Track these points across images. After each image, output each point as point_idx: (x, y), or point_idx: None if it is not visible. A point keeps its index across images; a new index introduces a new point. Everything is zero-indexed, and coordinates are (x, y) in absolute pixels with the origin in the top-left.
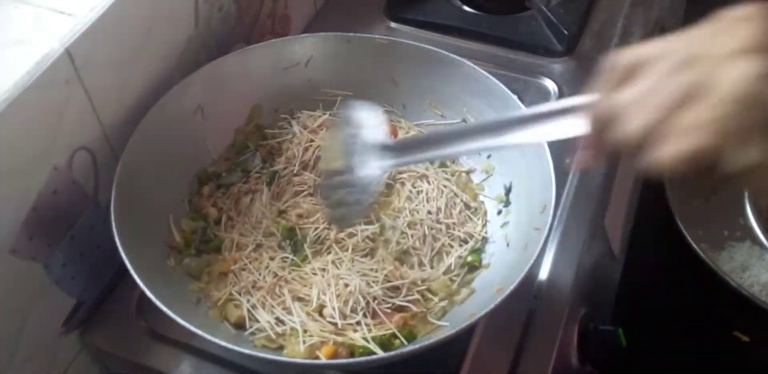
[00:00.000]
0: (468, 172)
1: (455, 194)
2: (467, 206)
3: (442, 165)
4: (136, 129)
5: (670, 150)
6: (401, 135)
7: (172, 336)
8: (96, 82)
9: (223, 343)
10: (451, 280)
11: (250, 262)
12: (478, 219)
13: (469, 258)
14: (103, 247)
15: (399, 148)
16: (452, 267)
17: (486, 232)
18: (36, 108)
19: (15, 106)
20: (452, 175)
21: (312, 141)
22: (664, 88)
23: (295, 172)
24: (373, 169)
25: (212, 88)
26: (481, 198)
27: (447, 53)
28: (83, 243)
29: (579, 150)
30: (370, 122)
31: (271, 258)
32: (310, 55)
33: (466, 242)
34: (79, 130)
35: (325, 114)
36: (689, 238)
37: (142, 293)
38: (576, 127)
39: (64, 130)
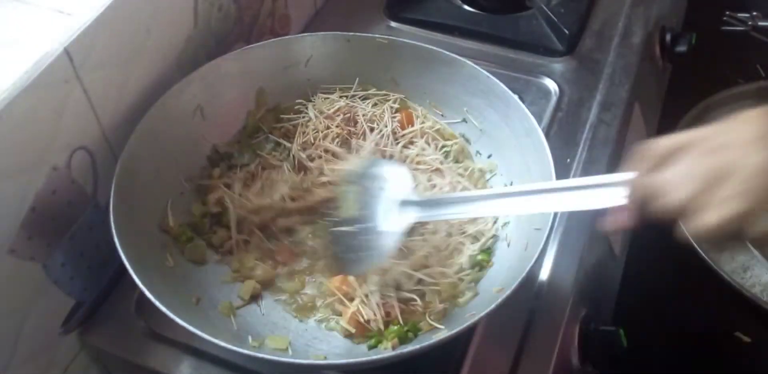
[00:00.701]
0: (481, 170)
1: (468, 190)
2: None
3: (456, 160)
4: (135, 129)
5: (710, 218)
6: (417, 123)
7: (172, 336)
8: (95, 81)
9: (223, 344)
10: (460, 280)
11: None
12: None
13: (479, 257)
14: (103, 247)
15: (422, 204)
16: (463, 265)
17: (497, 230)
18: (35, 108)
19: (14, 105)
20: (466, 170)
21: (329, 127)
22: (700, 169)
23: (313, 156)
24: (394, 223)
25: (211, 87)
26: None
27: (447, 53)
28: (82, 244)
29: (612, 212)
30: (395, 178)
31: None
32: (309, 54)
33: (478, 240)
34: (78, 130)
35: (341, 98)
36: (691, 238)
37: (142, 293)
38: (611, 198)
39: (63, 129)
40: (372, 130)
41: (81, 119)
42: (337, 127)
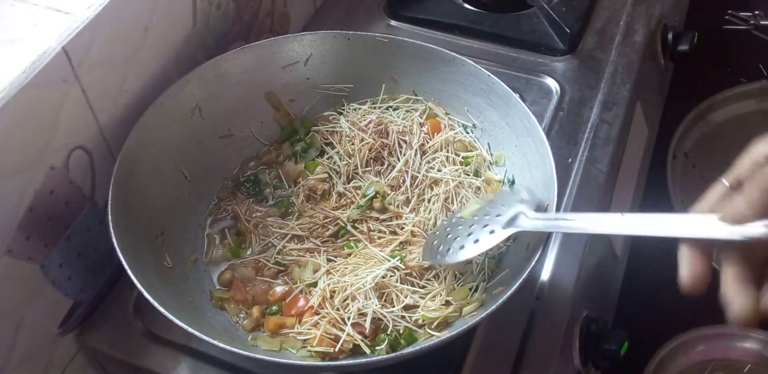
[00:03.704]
0: (500, 181)
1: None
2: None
3: (476, 174)
4: (134, 128)
5: None
6: (444, 133)
7: (170, 337)
8: (93, 80)
9: (221, 345)
10: (470, 289)
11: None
12: None
13: (488, 264)
14: (100, 248)
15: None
16: (475, 271)
17: (509, 240)
18: (32, 107)
19: (11, 105)
20: (488, 184)
21: (363, 140)
22: None
23: (352, 171)
24: (494, 234)
25: (210, 86)
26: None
27: (448, 51)
28: (80, 244)
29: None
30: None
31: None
32: (309, 53)
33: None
34: (76, 130)
35: (373, 110)
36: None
37: (140, 294)
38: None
39: (61, 129)
40: (403, 142)
41: (79, 118)
42: (370, 137)
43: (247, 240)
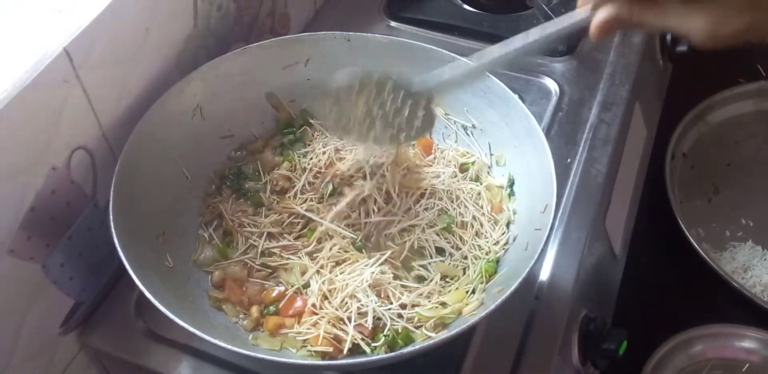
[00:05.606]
0: (500, 186)
1: (482, 206)
2: (492, 217)
3: (477, 178)
4: (135, 128)
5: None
6: (436, 151)
7: (171, 336)
8: (94, 81)
9: (222, 344)
10: (466, 292)
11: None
12: (499, 229)
13: (486, 267)
14: (102, 248)
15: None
16: (471, 275)
17: (507, 244)
18: (34, 107)
19: (13, 105)
20: (488, 189)
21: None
22: None
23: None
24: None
25: (211, 87)
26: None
27: (447, 52)
28: (82, 244)
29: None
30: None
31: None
32: (309, 54)
33: (487, 253)
34: (78, 130)
35: None
36: (691, 238)
37: (141, 293)
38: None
39: (63, 129)
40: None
41: (80, 119)
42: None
43: (235, 239)
